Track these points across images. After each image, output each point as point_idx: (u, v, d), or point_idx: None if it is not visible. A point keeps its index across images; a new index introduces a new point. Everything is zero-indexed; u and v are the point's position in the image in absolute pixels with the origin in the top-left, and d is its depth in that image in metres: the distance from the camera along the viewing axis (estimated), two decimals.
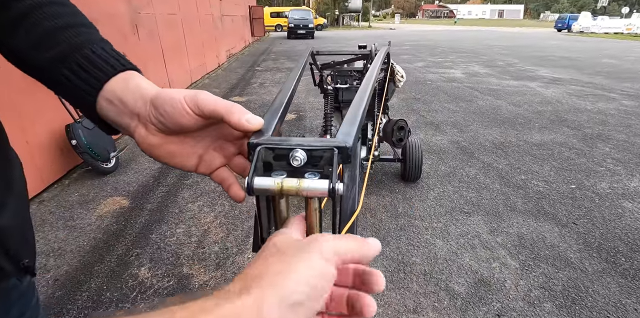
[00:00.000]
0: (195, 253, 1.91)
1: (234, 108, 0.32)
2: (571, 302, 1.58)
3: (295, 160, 0.29)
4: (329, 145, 0.30)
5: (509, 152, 3.27)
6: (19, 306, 0.47)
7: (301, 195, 0.29)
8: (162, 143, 0.35)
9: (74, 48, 0.36)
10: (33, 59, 0.37)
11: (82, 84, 0.35)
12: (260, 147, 0.30)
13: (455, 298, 1.61)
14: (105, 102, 0.35)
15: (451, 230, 2.10)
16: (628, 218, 2.23)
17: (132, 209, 2.34)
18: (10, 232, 0.38)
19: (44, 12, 0.37)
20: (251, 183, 0.29)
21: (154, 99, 0.34)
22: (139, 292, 1.65)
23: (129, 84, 0.35)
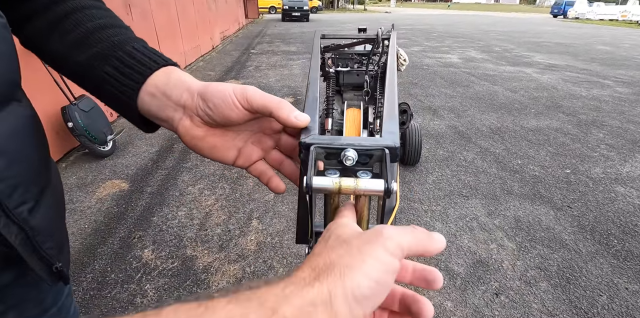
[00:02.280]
0: (197, 236, 1.92)
1: (283, 104, 0.33)
2: (566, 282, 1.64)
3: (348, 159, 0.30)
4: (380, 145, 0.31)
5: (506, 137, 3.30)
6: (51, 297, 0.47)
7: (357, 194, 0.30)
8: (205, 135, 0.36)
9: (115, 46, 0.37)
10: (74, 58, 0.37)
11: (125, 79, 0.36)
12: (314, 146, 0.31)
13: (454, 278, 1.65)
14: (148, 96, 0.36)
15: (450, 212, 2.14)
16: (620, 202, 2.29)
17: (132, 192, 2.33)
18: (42, 232, 0.38)
19: (85, 14, 0.39)
20: (310, 183, 0.29)
21: (202, 92, 0.34)
22: (144, 273, 1.67)
23: (172, 77, 0.36)
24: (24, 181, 0.36)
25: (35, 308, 0.44)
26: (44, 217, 0.38)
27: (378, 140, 0.32)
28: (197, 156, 2.84)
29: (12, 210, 0.34)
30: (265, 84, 5.14)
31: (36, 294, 0.44)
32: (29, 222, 0.36)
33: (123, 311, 1.47)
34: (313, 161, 0.31)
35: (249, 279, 1.64)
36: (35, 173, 0.38)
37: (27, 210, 0.36)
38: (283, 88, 4.90)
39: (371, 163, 0.32)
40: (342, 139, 0.32)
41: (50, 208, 0.41)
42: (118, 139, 3.01)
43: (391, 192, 0.29)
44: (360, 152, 0.31)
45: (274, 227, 1.99)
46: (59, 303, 0.48)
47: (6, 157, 0.33)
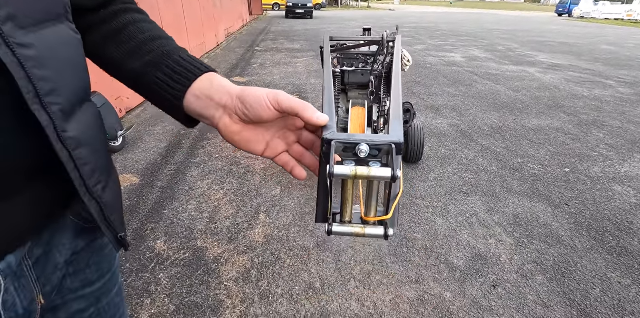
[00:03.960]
0: (207, 228, 2.00)
1: (307, 106, 0.41)
2: (561, 275, 1.71)
3: (362, 152, 0.38)
4: (388, 141, 0.38)
5: (507, 136, 3.36)
6: (107, 264, 0.55)
7: (370, 179, 0.38)
8: (241, 131, 0.43)
9: (165, 55, 0.45)
10: (130, 65, 0.45)
11: (175, 84, 0.44)
12: (334, 141, 0.38)
13: (454, 270, 1.73)
14: (194, 98, 0.43)
15: (451, 209, 2.21)
16: (617, 201, 2.35)
17: (143, 186, 2.41)
18: (111, 207, 0.46)
19: (138, 27, 0.47)
20: (332, 171, 0.37)
21: (240, 95, 0.42)
22: (157, 263, 1.75)
23: (214, 83, 0.44)
24: (99, 165, 0.43)
25: (97, 272, 0.53)
26: (111, 194, 0.46)
27: (386, 137, 0.39)
28: (205, 152, 2.92)
29: (91, 188, 0.42)
30: (270, 81, 5.20)
31: (98, 260, 0.52)
32: (102, 198, 0.44)
33: (139, 298, 1.55)
34: (333, 153, 0.38)
35: (258, 270, 1.71)
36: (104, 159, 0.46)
37: (102, 188, 0.44)
38: (288, 86, 4.97)
39: (380, 155, 0.39)
40: (356, 136, 0.39)
41: (114, 188, 0.49)
42: (128, 134, 3.09)
43: (396, 178, 0.37)
44: (371, 146, 0.38)
45: (280, 220, 2.07)
46: (112, 270, 0.56)
47: (87, 146, 0.41)
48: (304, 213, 2.13)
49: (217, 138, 3.18)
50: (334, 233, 0.41)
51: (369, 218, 0.41)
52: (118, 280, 0.58)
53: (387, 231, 0.40)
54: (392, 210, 0.41)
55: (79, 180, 0.39)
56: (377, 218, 0.41)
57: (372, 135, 0.39)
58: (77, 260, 0.49)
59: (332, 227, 0.41)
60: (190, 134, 3.26)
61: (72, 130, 0.38)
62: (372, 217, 0.41)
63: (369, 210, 0.41)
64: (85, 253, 0.50)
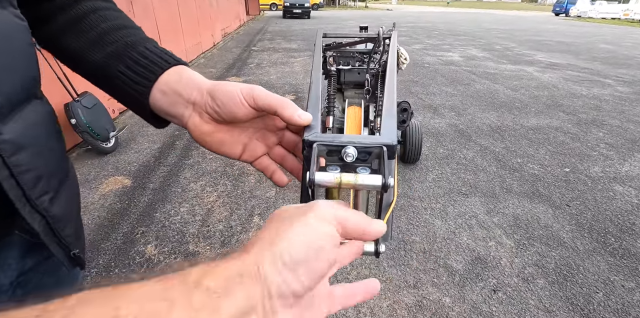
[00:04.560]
0: (200, 232, 1.95)
1: (287, 103, 0.35)
2: (563, 279, 1.66)
3: (348, 156, 0.32)
4: (378, 143, 0.33)
5: (506, 135, 3.32)
6: (66, 284, 0.49)
7: (356, 188, 0.32)
8: (213, 131, 0.38)
9: (128, 46, 0.39)
10: (90, 57, 0.40)
11: (138, 77, 0.38)
12: (316, 144, 0.33)
13: (453, 274, 1.68)
14: (160, 94, 0.38)
15: (449, 210, 2.16)
16: (619, 201, 2.31)
17: (135, 188, 2.35)
18: (62, 220, 0.40)
19: (99, 15, 0.41)
20: (313, 178, 0.31)
21: (211, 90, 0.36)
22: (147, 269, 1.69)
23: (183, 76, 0.38)
24: (46, 172, 0.38)
25: None
26: (63, 206, 0.41)
27: (377, 138, 0.34)
28: (199, 153, 2.86)
29: (35, 200, 0.36)
30: (266, 81, 5.15)
31: (53, 281, 0.47)
32: (49, 210, 0.38)
33: None
34: (315, 157, 0.33)
35: None
36: (55, 165, 0.41)
37: (49, 199, 0.38)
38: (284, 85, 4.91)
39: (370, 160, 0.34)
40: (342, 137, 0.34)
41: (68, 198, 0.43)
42: (120, 135, 3.03)
43: (388, 186, 0.31)
44: (359, 149, 0.33)
45: None
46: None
47: (30, 151, 0.35)
48: None
49: None
50: None
51: None
52: None
53: (379, 247, 0.35)
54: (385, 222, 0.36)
55: (16, 191, 0.34)
56: None
57: (361, 137, 0.34)
58: (26, 281, 0.43)
59: None
60: (184, 135, 3.20)
61: (9, 132, 0.32)
62: None
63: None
64: (36, 274, 0.44)
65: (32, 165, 0.35)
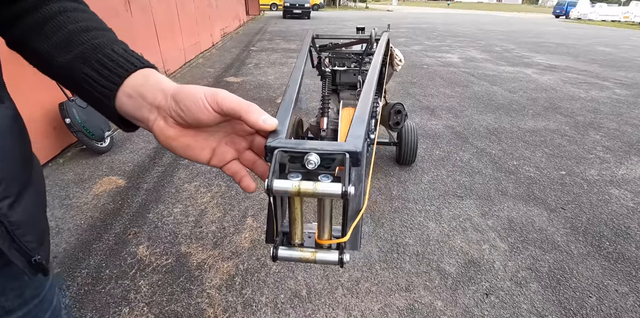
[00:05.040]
0: (192, 233, 1.93)
1: (252, 107, 0.34)
2: (556, 283, 1.65)
3: (310, 163, 0.32)
4: (341, 150, 0.32)
5: (503, 138, 3.31)
6: (31, 289, 0.48)
7: (316, 197, 0.31)
8: (179, 135, 0.37)
9: (95, 48, 0.38)
10: (56, 58, 0.39)
11: (103, 81, 0.37)
12: (277, 150, 0.32)
13: (446, 277, 1.67)
14: (125, 97, 0.37)
15: (444, 213, 2.15)
16: (614, 205, 2.30)
17: (129, 189, 2.34)
18: (22, 226, 0.39)
19: (68, 17, 0.40)
20: (271, 185, 0.30)
21: (175, 94, 0.36)
22: (138, 269, 1.68)
23: (149, 79, 0.37)
24: (5, 178, 0.37)
25: (16, 299, 0.46)
26: (24, 211, 0.40)
27: (341, 144, 0.33)
28: None
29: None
30: (264, 81, 5.14)
31: (17, 286, 0.45)
32: (8, 216, 0.37)
33: (117, 307, 1.49)
34: (276, 164, 0.32)
35: (242, 277, 1.65)
36: (16, 170, 0.40)
37: (8, 205, 0.37)
38: (282, 86, 4.90)
39: (333, 167, 0.33)
40: (306, 143, 0.33)
41: (31, 202, 0.42)
42: (115, 135, 3.02)
43: (347, 195, 0.30)
44: (322, 156, 0.32)
45: None
46: (40, 296, 0.49)
47: None
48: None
49: None
50: (279, 259, 0.35)
51: (322, 240, 0.35)
52: (51, 305, 0.52)
53: (343, 256, 0.34)
54: (351, 231, 0.35)
55: None
56: (331, 241, 0.35)
57: (325, 143, 0.33)
58: None
59: (278, 251, 0.35)
60: None
61: None
62: (325, 240, 0.35)
63: (322, 230, 0.35)
64: (0, 279, 0.43)
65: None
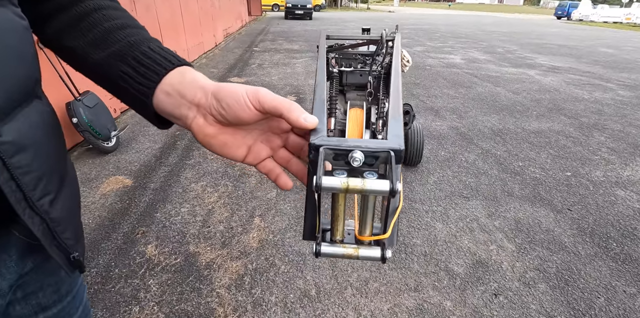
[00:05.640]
0: (200, 232, 1.94)
1: (293, 106, 0.35)
2: (564, 283, 1.66)
3: (355, 161, 0.32)
4: (385, 148, 0.32)
5: (507, 139, 3.31)
6: (66, 285, 0.49)
7: (364, 194, 0.32)
8: (218, 133, 0.37)
9: (132, 45, 0.39)
10: (91, 56, 0.39)
11: (141, 78, 0.37)
12: (322, 148, 0.32)
13: (454, 278, 1.67)
14: (163, 95, 0.37)
15: (450, 213, 2.16)
16: (620, 206, 2.30)
17: (136, 188, 2.35)
18: (62, 223, 0.40)
19: (102, 14, 0.41)
20: (320, 183, 0.31)
21: (215, 92, 0.36)
22: (147, 269, 1.68)
23: (186, 77, 0.38)
24: (46, 173, 0.37)
25: (52, 295, 0.46)
26: (63, 207, 0.40)
27: (384, 142, 0.33)
28: (200, 153, 2.86)
29: (35, 202, 0.36)
30: (268, 82, 5.14)
31: (53, 282, 0.46)
32: (50, 213, 0.38)
33: (127, 306, 1.49)
34: (322, 162, 0.32)
35: (251, 276, 1.66)
36: (55, 166, 0.40)
37: (49, 201, 0.38)
38: (286, 86, 4.91)
39: (377, 164, 0.33)
40: (349, 141, 0.33)
41: (69, 199, 0.43)
42: (122, 135, 3.03)
43: (396, 192, 0.31)
44: (366, 153, 0.33)
45: (276, 224, 2.01)
46: (73, 291, 0.50)
47: (31, 151, 0.35)
48: (300, 217, 2.08)
49: None
50: (322, 255, 0.35)
51: (364, 237, 0.36)
52: (82, 302, 0.52)
53: (385, 252, 0.35)
54: (391, 228, 0.35)
55: (16, 194, 0.33)
56: (372, 237, 0.36)
57: (368, 141, 0.34)
58: (26, 283, 0.43)
59: (321, 247, 0.35)
60: (186, 135, 3.20)
61: (9, 133, 0.32)
62: (366, 236, 0.36)
63: (364, 227, 0.36)
64: (36, 275, 0.44)
65: (32, 166, 0.35)
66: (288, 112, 0.35)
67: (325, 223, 0.38)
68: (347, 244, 0.36)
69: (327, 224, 0.38)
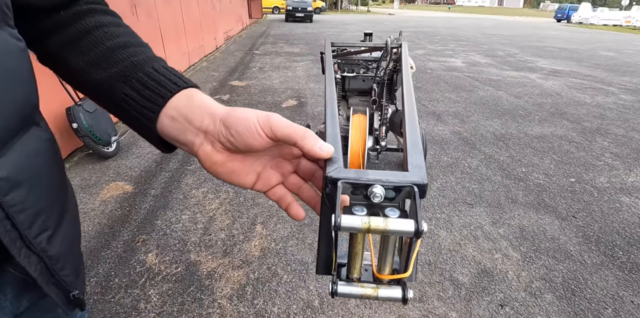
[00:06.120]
0: (201, 240, 1.92)
1: (307, 134, 0.33)
2: (571, 294, 1.63)
3: (376, 197, 0.30)
4: (407, 182, 0.30)
5: (510, 144, 3.29)
6: None
7: (387, 234, 0.30)
8: (226, 161, 0.35)
9: (135, 66, 0.37)
10: (94, 77, 0.37)
11: (145, 101, 0.35)
12: (341, 182, 0.30)
13: (459, 288, 1.65)
14: (168, 120, 0.35)
15: (454, 221, 2.13)
16: (625, 213, 2.28)
17: (136, 194, 2.33)
18: (60, 260, 0.38)
19: (105, 32, 0.38)
20: (339, 223, 0.29)
21: (224, 118, 0.34)
22: (148, 278, 1.66)
23: (194, 100, 0.35)
24: (43, 208, 0.35)
25: None
26: (63, 243, 0.38)
27: (405, 175, 0.32)
28: None
29: (32, 241, 0.33)
30: (269, 85, 5.13)
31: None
32: (47, 250, 0.35)
33: (127, 317, 1.47)
34: (340, 197, 0.30)
35: (253, 286, 1.63)
36: (54, 199, 0.38)
37: (47, 238, 0.35)
38: (287, 90, 4.90)
39: (398, 199, 0.32)
40: (369, 174, 0.31)
41: (69, 232, 0.40)
42: (122, 140, 3.01)
43: (421, 233, 0.29)
44: (387, 187, 0.31)
45: (278, 232, 1.99)
46: None
47: (27, 186, 0.33)
48: (303, 225, 2.05)
49: None
50: (339, 295, 0.33)
51: (383, 275, 0.34)
52: None
53: (406, 293, 0.32)
54: (412, 266, 0.33)
55: (12, 233, 0.31)
56: (393, 276, 0.33)
57: (388, 173, 0.32)
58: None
59: (337, 286, 0.33)
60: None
61: (3, 167, 0.30)
62: (386, 275, 0.33)
63: (383, 265, 0.33)
64: (32, 313, 0.41)
65: (29, 202, 0.32)
66: (302, 140, 0.32)
67: (341, 257, 0.36)
68: (364, 283, 0.34)
69: (342, 257, 0.36)
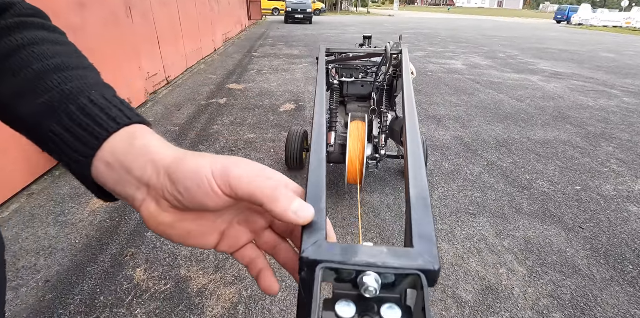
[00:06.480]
0: (193, 254, 1.83)
1: (278, 193, 0.25)
2: (580, 313, 1.55)
3: (369, 291, 0.21)
4: (412, 267, 0.22)
5: (513, 150, 3.21)
6: None
7: None
8: (176, 221, 0.28)
9: (67, 96, 0.29)
10: (18, 109, 0.29)
11: (76, 143, 0.28)
12: (321, 267, 0.22)
13: (463, 306, 1.56)
14: (104, 166, 0.28)
15: (457, 232, 2.05)
16: (634, 223, 2.20)
17: (126, 204, 2.24)
18: None
19: (33, 52, 0.31)
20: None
21: (170, 171, 0.26)
22: (135, 296, 1.58)
23: (135, 143, 0.28)
24: None
25: None
26: None
27: (409, 255, 0.23)
28: None
29: None
30: (267, 89, 5.05)
31: None
32: None
33: None
34: (319, 288, 0.22)
35: (245, 305, 1.55)
36: None
37: None
38: (285, 93, 4.82)
39: (399, 288, 0.23)
40: (359, 253, 0.23)
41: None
42: None
43: None
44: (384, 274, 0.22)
45: None
46: None
47: None
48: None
49: (212, 147, 3.01)
50: None
51: None
52: None
53: None
54: None
55: None
56: None
57: (386, 253, 0.23)
58: None
59: None
60: (183, 143, 3.09)
61: None
62: None
63: None
64: None
65: None
66: (271, 202, 0.25)
67: None
68: None
69: None
